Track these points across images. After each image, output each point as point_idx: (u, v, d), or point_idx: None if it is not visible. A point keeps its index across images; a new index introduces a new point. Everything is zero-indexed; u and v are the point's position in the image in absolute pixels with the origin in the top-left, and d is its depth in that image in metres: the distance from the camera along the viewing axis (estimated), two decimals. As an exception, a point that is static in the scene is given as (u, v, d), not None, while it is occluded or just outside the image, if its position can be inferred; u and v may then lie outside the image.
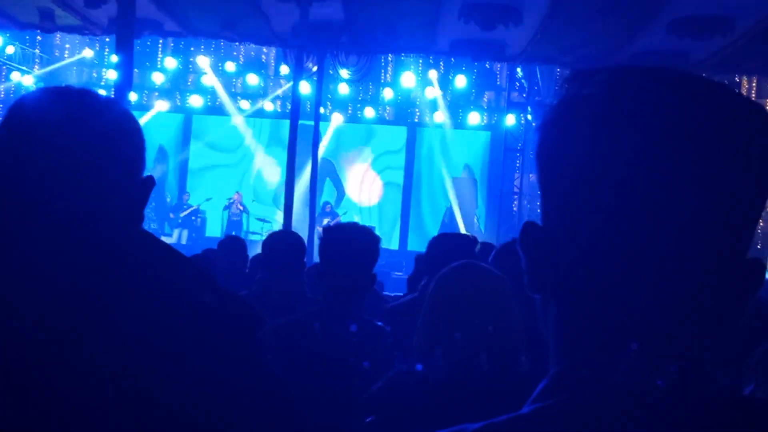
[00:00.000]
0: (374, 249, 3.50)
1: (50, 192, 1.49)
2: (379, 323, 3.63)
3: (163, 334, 1.43)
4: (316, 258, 9.09)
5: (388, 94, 21.15)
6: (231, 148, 22.28)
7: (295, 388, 1.70)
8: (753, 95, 19.41)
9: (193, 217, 20.57)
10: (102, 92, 1.71)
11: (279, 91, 21.48)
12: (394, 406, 2.61)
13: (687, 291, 0.89)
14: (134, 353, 1.39)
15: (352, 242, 3.46)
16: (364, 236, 3.52)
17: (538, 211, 0.95)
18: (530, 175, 20.55)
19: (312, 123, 15.02)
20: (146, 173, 1.64)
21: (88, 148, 1.52)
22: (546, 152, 0.97)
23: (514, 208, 20.54)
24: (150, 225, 18.77)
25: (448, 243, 4.78)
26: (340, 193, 21.90)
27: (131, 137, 1.62)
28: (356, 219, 19.36)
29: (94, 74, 21.78)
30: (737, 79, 18.64)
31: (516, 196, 20.56)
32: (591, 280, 0.91)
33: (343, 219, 19.67)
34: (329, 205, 19.91)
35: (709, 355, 0.92)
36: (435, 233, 20.81)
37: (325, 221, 19.07)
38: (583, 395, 0.90)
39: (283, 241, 4.86)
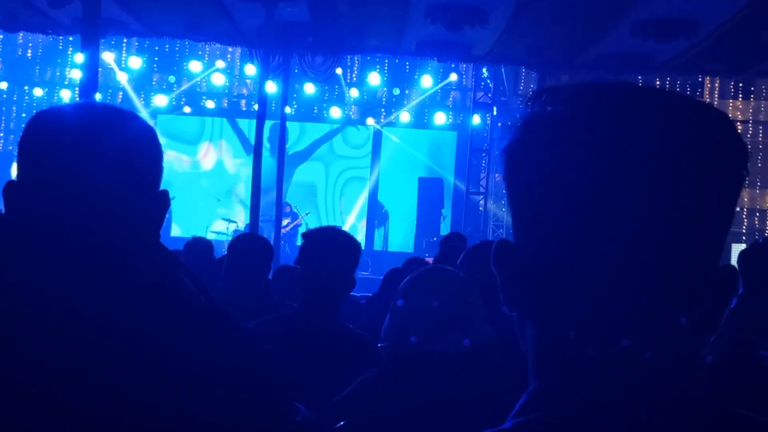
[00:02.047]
0: (355, 254, 3.51)
1: (67, 205, 1.56)
2: (350, 326, 3.63)
3: (167, 337, 1.52)
4: (281, 260, 9.00)
5: (353, 93, 21.16)
6: (195, 147, 22.16)
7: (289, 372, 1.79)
8: (716, 95, 19.61)
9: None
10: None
11: (244, 90, 21.43)
12: (363, 410, 2.61)
13: (659, 302, 0.90)
14: (140, 355, 1.47)
15: (334, 247, 3.45)
16: (345, 241, 3.52)
17: (503, 210, 0.95)
18: (496, 175, 20.61)
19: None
20: None
21: (107, 161, 1.58)
22: (514, 172, 0.98)
23: (480, 208, 20.59)
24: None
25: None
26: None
27: (149, 151, 1.68)
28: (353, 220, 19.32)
29: (57, 73, 21.58)
30: (700, 80, 18.82)
31: (482, 196, 20.61)
32: (565, 297, 0.92)
33: (305, 220, 19.61)
34: (288, 206, 19.77)
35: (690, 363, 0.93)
36: (401, 233, 20.91)
37: (285, 222, 18.97)
38: (564, 410, 0.91)
39: (250, 245, 4.83)
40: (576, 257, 0.91)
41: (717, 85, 19.56)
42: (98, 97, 10.28)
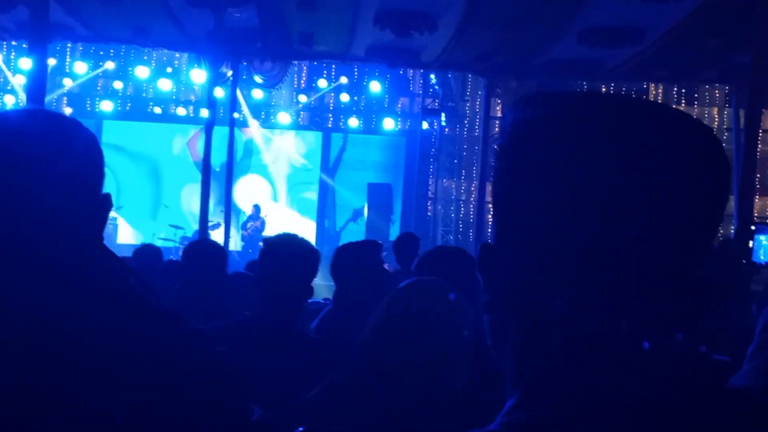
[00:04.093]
0: (314, 262, 3.52)
1: (10, 211, 1.54)
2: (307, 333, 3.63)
3: (116, 339, 1.50)
4: (234, 266, 8.95)
5: (302, 99, 21.11)
6: (142, 154, 21.92)
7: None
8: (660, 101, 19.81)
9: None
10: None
11: (191, 96, 21.27)
12: (325, 416, 2.60)
13: (643, 310, 0.91)
14: (88, 358, 1.46)
15: (294, 254, 3.46)
16: (305, 249, 3.53)
17: (452, 215, 0.96)
18: (444, 180, 20.69)
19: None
20: None
21: (51, 167, 1.58)
22: (505, 174, 0.99)
23: (429, 213, 20.64)
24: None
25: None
26: None
27: (92, 157, 1.68)
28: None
29: (0, 79, 21.19)
30: (645, 86, 19.03)
31: (431, 202, 20.66)
32: (552, 302, 0.93)
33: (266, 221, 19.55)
34: (255, 208, 19.71)
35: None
36: (349, 239, 20.82)
37: (249, 224, 18.98)
38: (552, 410, 0.91)
39: (205, 252, 4.80)
40: (561, 261, 0.92)
41: (661, 91, 19.79)
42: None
